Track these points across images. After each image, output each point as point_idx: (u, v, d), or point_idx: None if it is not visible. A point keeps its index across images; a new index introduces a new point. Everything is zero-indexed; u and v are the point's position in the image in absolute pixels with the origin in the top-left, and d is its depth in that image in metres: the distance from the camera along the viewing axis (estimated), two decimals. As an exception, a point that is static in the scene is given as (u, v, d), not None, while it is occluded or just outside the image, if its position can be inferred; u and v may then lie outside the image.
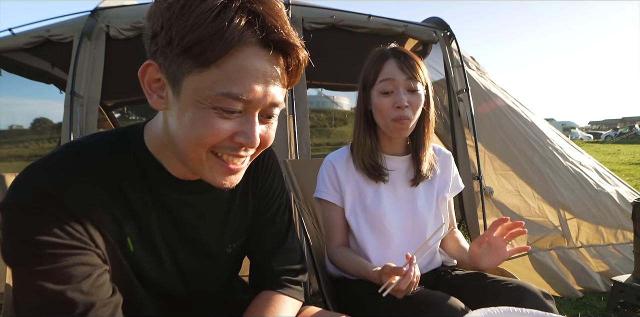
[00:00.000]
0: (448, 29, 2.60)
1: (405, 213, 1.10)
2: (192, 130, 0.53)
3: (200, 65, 0.50)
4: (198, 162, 0.57)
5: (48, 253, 0.52)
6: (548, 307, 0.87)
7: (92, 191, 0.57)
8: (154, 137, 0.63)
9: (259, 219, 0.79)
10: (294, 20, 2.38)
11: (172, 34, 0.49)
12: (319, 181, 1.15)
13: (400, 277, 0.80)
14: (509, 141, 2.56)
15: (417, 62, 1.04)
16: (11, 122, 3.88)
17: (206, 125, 0.53)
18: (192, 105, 0.52)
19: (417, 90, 1.03)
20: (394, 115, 1.02)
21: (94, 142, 0.61)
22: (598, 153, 12.76)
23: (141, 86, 0.56)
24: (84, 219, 0.55)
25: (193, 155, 0.56)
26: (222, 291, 0.84)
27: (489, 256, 0.95)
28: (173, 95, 0.54)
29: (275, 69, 0.53)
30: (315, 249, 1.26)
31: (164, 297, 0.70)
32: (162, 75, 0.54)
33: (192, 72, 0.51)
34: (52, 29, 2.48)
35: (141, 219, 0.63)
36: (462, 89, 2.49)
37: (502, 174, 2.52)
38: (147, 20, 0.54)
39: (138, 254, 0.64)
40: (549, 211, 2.44)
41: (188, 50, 0.49)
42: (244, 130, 0.55)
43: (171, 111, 0.56)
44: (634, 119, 53.23)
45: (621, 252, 2.38)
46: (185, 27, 0.48)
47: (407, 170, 1.13)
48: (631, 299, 1.85)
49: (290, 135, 2.24)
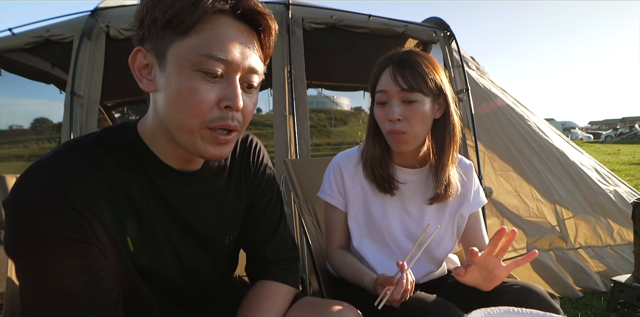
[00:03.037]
0: (448, 29, 2.60)
1: (410, 229, 1.05)
2: (180, 100, 0.57)
3: (181, 33, 0.56)
4: (190, 134, 0.60)
5: (52, 246, 0.54)
6: (555, 308, 0.84)
7: (95, 188, 0.58)
8: (146, 128, 0.65)
9: (252, 210, 0.81)
10: (294, 20, 2.38)
11: (155, 13, 0.56)
12: (325, 181, 1.12)
13: (394, 287, 0.79)
14: (509, 142, 2.56)
15: (423, 70, 0.93)
16: (11, 122, 3.87)
17: (191, 92, 0.57)
18: (176, 73, 0.57)
19: (413, 101, 0.93)
20: (388, 128, 0.96)
21: (93, 139, 0.63)
22: (598, 153, 12.76)
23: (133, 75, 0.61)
24: (87, 215, 0.56)
25: (185, 126, 0.59)
26: (222, 287, 0.85)
27: (482, 280, 0.82)
28: (160, 72, 0.58)
29: (248, 36, 0.61)
30: (315, 249, 1.26)
31: (165, 293, 0.71)
32: (149, 58, 0.59)
33: (174, 41, 0.56)
34: (52, 29, 2.48)
35: (142, 213, 0.64)
36: (462, 89, 2.49)
37: (502, 175, 2.52)
38: (134, 19, 0.60)
39: (140, 249, 0.65)
40: (548, 212, 2.44)
41: (170, 22, 0.56)
42: (227, 94, 0.58)
43: (159, 90, 0.60)
44: (634, 119, 53.22)
45: (619, 253, 2.38)
46: (166, 4, 0.56)
47: (420, 184, 1.05)
48: (631, 299, 1.84)
49: (290, 135, 2.24)
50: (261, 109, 5.37)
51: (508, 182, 2.50)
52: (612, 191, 2.55)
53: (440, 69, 0.98)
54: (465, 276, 0.80)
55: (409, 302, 0.84)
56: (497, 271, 0.81)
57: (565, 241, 2.37)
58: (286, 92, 2.30)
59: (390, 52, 1.01)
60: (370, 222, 1.06)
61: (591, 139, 32.50)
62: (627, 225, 2.42)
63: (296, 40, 2.35)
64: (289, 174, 1.42)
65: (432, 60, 0.98)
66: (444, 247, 1.07)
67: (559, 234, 2.38)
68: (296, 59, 2.32)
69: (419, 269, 1.06)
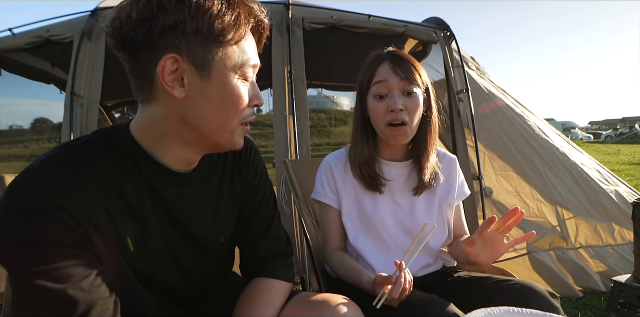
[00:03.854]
0: (448, 29, 2.60)
1: (403, 221, 1.08)
2: (227, 105, 0.63)
3: (226, 46, 0.61)
4: (231, 133, 0.66)
5: (47, 253, 0.53)
6: (555, 307, 0.85)
7: (90, 193, 0.57)
8: (147, 131, 0.64)
9: (246, 207, 0.82)
10: (294, 20, 2.38)
11: (198, 24, 0.57)
12: (317, 182, 1.14)
13: (392, 285, 0.79)
14: (509, 142, 2.56)
15: (414, 64, 1.01)
16: (11, 122, 3.87)
17: (239, 97, 0.63)
18: (226, 81, 0.62)
19: (413, 92, 0.99)
20: (389, 118, 0.98)
21: (84, 143, 0.62)
22: (598, 153, 12.76)
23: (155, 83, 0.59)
24: (82, 221, 0.55)
25: (227, 127, 0.65)
26: (220, 285, 0.85)
27: (485, 252, 0.90)
28: (201, 80, 0.60)
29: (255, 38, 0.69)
30: (315, 249, 1.26)
31: (163, 294, 0.71)
32: (182, 65, 0.59)
33: (218, 52, 0.60)
34: (52, 29, 2.47)
35: (139, 215, 0.64)
36: (462, 89, 2.49)
37: (502, 175, 2.52)
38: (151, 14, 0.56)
39: (137, 251, 0.64)
40: (548, 212, 2.44)
41: (218, 36, 0.59)
42: (255, 94, 0.67)
43: (192, 98, 0.61)
44: (634, 119, 53.20)
45: (620, 253, 2.38)
46: (211, 17, 0.58)
47: (407, 177, 1.09)
48: (631, 299, 1.85)
49: (290, 136, 2.24)
50: (261, 109, 5.37)
51: (508, 182, 2.50)
52: (613, 191, 2.55)
53: (422, 69, 1.04)
54: (474, 246, 0.89)
55: (407, 301, 0.84)
56: (498, 246, 0.89)
57: (565, 241, 2.37)
58: (286, 92, 2.29)
59: (375, 51, 1.06)
60: (363, 218, 1.08)
61: (591, 139, 32.48)
62: (628, 225, 2.42)
63: (296, 40, 2.35)
64: (288, 174, 1.42)
65: (415, 59, 1.05)
66: (437, 237, 1.11)
67: (560, 234, 2.38)
68: (296, 59, 2.32)
69: (415, 262, 1.07)
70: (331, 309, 0.72)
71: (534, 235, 0.88)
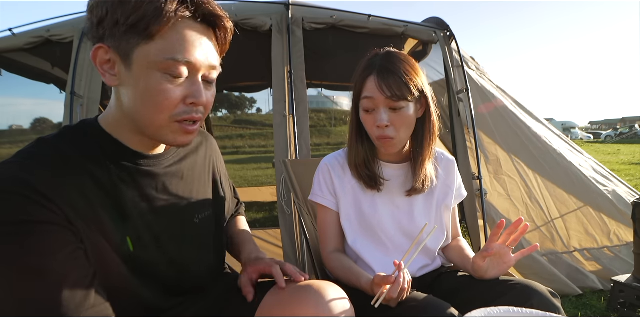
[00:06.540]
0: (448, 29, 2.60)
1: (402, 223, 1.08)
2: (149, 99, 0.62)
3: (146, 38, 0.60)
4: (159, 128, 0.65)
5: (21, 230, 0.54)
6: (556, 307, 0.85)
7: (62, 178, 0.59)
8: (109, 119, 0.69)
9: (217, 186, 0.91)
10: (294, 20, 2.38)
11: (117, 16, 0.59)
12: (315, 184, 1.14)
13: (390, 285, 0.79)
14: (505, 145, 2.56)
15: (405, 76, 0.94)
16: (11, 122, 3.87)
17: (160, 92, 0.62)
18: (144, 74, 0.61)
19: (400, 108, 0.96)
20: (376, 134, 0.99)
21: (55, 136, 0.66)
22: (598, 153, 12.76)
23: (97, 70, 0.64)
24: (58, 201, 0.57)
25: (155, 122, 0.64)
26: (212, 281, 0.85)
27: (494, 266, 0.93)
28: (125, 70, 0.62)
29: (208, 36, 0.66)
30: (315, 249, 1.26)
31: (149, 277, 0.71)
32: (112, 55, 0.62)
33: (139, 45, 0.60)
34: (52, 29, 2.47)
35: (112, 196, 0.66)
36: (462, 89, 2.49)
37: (495, 178, 2.52)
38: (89, 12, 0.62)
39: (117, 232, 0.65)
40: (540, 215, 2.42)
41: (134, 27, 0.59)
42: (191, 92, 0.64)
43: (125, 85, 0.64)
44: (634, 119, 53.20)
45: (616, 253, 2.37)
46: (129, 9, 0.58)
47: (405, 178, 1.09)
48: (631, 299, 1.85)
49: (290, 136, 2.24)
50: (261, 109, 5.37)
51: (500, 185, 2.50)
52: (611, 192, 2.55)
53: (419, 71, 0.99)
54: (486, 259, 0.93)
55: (406, 301, 0.84)
56: (506, 259, 0.92)
57: (559, 245, 2.36)
58: (286, 92, 2.29)
59: (371, 54, 1.02)
60: (362, 220, 1.08)
61: (591, 139, 32.49)
62: (626, 225, 2.42)
63: (296, 40, 2.35)
64: (288, 174, 1.42)
65: (411, 62, 0.99)
66: (435, 238, 1.11)
67: (551, 238, 2.37)
68: (296, 59, 2.32)
69: (413, 262, 1.07)
70: (314, 292, 0.72)
71: (537, 248, 0.91)
